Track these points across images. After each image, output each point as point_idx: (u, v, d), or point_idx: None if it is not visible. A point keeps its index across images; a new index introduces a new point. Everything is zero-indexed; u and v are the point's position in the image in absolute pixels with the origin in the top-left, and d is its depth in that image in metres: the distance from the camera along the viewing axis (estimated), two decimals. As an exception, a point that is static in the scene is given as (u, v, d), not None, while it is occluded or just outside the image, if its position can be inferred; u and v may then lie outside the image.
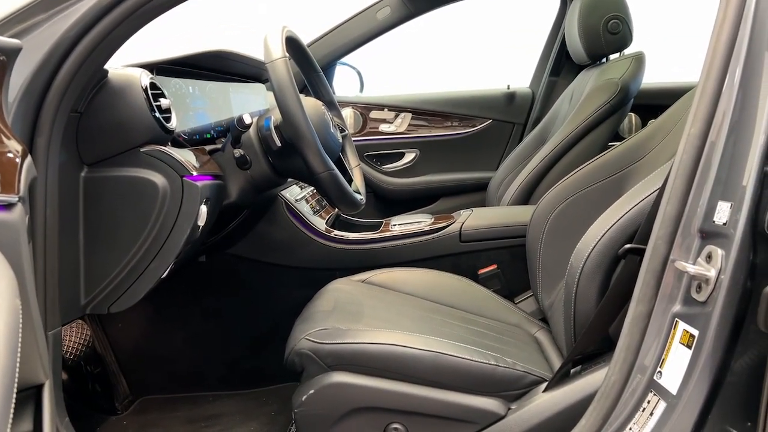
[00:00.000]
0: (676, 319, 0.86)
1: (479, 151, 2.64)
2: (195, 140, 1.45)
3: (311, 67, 1.58)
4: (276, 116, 1.38)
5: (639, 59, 2.04)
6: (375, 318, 1.29)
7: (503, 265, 1.73)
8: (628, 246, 1.02)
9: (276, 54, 1.24)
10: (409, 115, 2.64)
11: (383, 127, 2.63)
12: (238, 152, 1.40)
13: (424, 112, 2.64)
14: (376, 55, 2.61)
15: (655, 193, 1.05)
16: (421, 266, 1.68)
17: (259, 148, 1.42)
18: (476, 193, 2.55)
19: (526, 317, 1.51)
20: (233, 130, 1.40)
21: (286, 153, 1.39)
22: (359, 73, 2.67)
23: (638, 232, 1.04)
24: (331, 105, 1.63)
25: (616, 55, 2.16)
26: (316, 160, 1.27)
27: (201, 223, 1.21)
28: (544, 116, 2.38)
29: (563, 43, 2.47)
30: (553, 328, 1.38)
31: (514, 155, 2.34)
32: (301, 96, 1.28)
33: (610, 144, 1.85)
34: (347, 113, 2.59)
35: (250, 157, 1.41)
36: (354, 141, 1.78)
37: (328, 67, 2.53)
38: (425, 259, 1.75)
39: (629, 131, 2.54)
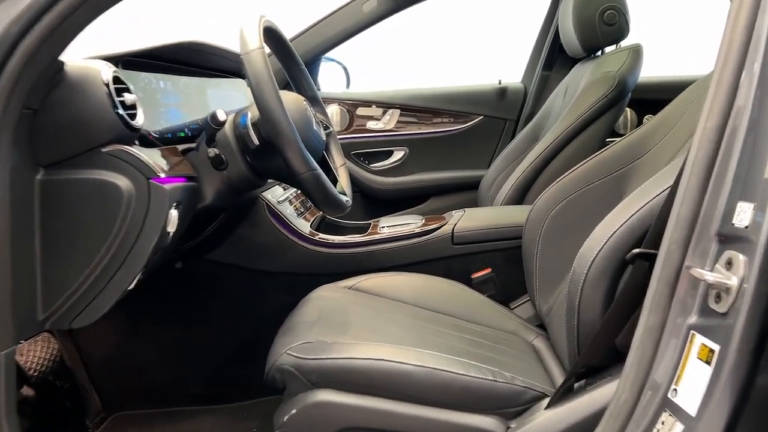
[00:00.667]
0: (692, 331, 0.78)
1: (470, 149, 2.58)
2: (168, 139, 1.35)
3: (292, 59, 1.49)
4: (253, 112, 1.30)
5: (637, 51, 1.98)
6: (363, 329, 1.22)
7: (498, 269, 1.66)
8: (637, 250, 0.94)
9: (252, 45, 1.15)
10: (398, 111, 2.56)
11: (371, 125, 2.56)
12: (212, 151, 1.31)
13: (412, 108, 2.57)
14: (362, 50, 2.53)
15: (666, 192, 0.97)
16: (412, 270, 1.61)
17: (235, 146, 1.33)
18: (467, 192, 2.48)
19: (523, 324, 1.44)
20: (207, 128, 1.32)
21: (265, 152, 1.30)
22: (345, 69, 2.59)
23: (647, 234, 0.96)
24: (314, 100, 1.55)
25: (612, 47, 2.10)
26: (297, 160, 1.19)
27: (171, 229, 1.12)
28: (537, 112, 2.33)
29: (556, 36, 2.41)
30: (552, 336, 1.31)
31: (506, 153, 2.28)
32: (281, 90, 1.20)
33: (608, 140, 1.79)
34: (333, 110, 2.52)
35: (225, 156, 1.33)
36: (340, 139, 1.70)
37: (313, 63, 2.45)
38: (416, 263, 1.67)
39: (624, 127, 2.49)
